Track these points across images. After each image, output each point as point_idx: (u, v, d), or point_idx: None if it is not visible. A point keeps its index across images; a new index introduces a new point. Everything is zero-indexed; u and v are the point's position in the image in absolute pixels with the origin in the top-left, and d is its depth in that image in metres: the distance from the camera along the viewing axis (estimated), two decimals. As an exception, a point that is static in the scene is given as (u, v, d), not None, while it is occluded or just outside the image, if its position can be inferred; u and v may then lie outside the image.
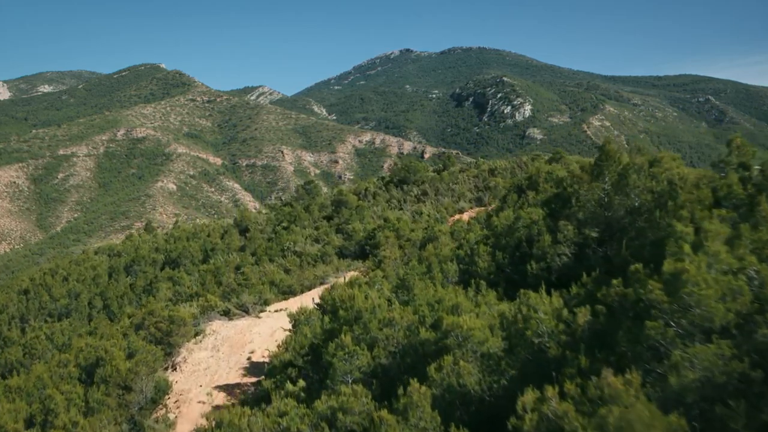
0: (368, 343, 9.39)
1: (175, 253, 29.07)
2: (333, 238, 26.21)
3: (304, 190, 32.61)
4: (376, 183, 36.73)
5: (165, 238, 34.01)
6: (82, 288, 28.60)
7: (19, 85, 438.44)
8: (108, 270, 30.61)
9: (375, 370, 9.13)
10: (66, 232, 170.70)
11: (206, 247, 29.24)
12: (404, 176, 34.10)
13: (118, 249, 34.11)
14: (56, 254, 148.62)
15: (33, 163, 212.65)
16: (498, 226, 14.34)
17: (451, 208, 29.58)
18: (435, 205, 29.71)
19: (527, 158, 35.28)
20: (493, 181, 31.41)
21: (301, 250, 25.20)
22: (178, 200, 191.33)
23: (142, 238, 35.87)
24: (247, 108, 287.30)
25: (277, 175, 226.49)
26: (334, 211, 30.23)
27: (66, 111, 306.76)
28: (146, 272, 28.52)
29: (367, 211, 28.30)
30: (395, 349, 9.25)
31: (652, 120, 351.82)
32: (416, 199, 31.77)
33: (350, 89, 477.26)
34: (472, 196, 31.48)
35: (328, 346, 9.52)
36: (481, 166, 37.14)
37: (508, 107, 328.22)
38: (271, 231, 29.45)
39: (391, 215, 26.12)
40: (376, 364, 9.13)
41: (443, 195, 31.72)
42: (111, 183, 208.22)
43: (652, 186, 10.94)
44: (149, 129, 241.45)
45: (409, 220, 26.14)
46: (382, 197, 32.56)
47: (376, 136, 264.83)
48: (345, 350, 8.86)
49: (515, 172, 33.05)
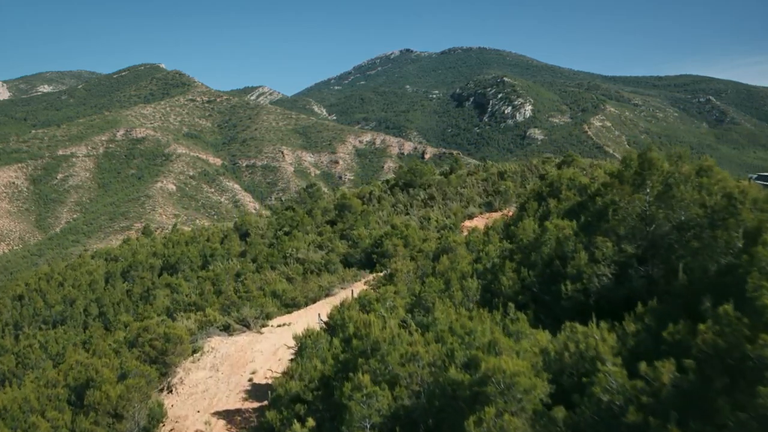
0: (388, 380, 8.22)
1: (174, 258, 27.83)
2: (337, 245, 24.97)
3: (306, 193, 31.22)
4: (381, 186, 35.44)
5: (163, 242, 32.76)
6: (78, 294, 27.42)
7: (18, 85, 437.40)
8: (105, 275, 29.42)
9: (396, 412, 7.96)
10: (65, 233, 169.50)
11: (205, 252, 28.00)
12: (410, 179, 32.63)
13: (115, 253, 32.88)
14: (55, 255, 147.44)
15: (32, 163, 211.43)
16: (522, 239, 13.17)
17: (461, 213, 28.19)
18: (443, 210, 28.71)
19: (537, 161, 33.98)
20: (503, 185, 29.86)
21: (305, 257, 23.83)
22: (178, 201, 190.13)
23: (140, 242, 34.64)
24: (247, 108, 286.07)
25: (278, 175, 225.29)
26: (338, 215, 28.93)
27: (65, 111, 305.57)
28: (143, 278, 27.32)
29: (373, 216, 27.40)
30: (419, 389, 8.08)
31: (653, 120, 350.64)
32: (423, 204, 30.35)
33: (350, 89, 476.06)
34: (482, 200, 30.00)
35: (342, 383, 8.35)
36: (490, 169, 35.11)
37: (509, 107, 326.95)
38: (273, 236, 28.19)
39: (398, 221, 24.87)
40: (398, 406, 7.96)
41: (451, 199, 30.26)
42: (110, 183, 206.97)
43: (703, 199, 9.76)
44: (149, 129, 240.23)
45: (416, 227, 24.86)
46: (387, 201, 31.14)
47: (377, 137, 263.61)
48: (363, 392, 7.68)
49: (525, 176, 31.79)
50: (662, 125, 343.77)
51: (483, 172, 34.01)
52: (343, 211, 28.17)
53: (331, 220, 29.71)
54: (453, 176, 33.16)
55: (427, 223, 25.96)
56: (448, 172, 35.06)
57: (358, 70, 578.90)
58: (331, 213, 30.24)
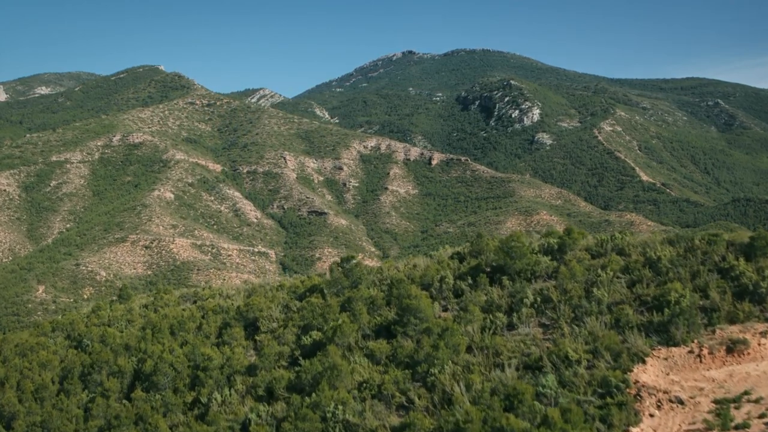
0: None
1: (150, 364, 19.80)
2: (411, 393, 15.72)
3: (341, 271, 22.41)
4: (453, 266, 23.67)
5: (142, 321, 24.92)
6: (20, 408, 19.70)
7: (15, 87, 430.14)
8: (60, 373, 21.63)
9: None
10: (57, 245, 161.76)
11: (196, 358, 20.00)
12: (503, 261, 21.78)
13: (80, 330, 25.06)
14: (45, 270, 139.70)
15: (25, 169, 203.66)
16: None
17: (614, 343, 16.38)
18: (576, 332, 17.78)
19: (700, 238, 21.22)
20: (671, 292, 17.36)
21: (357, 422, 14.95)
22: (176, 210, 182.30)
23: (113, 313, 26.80)
24: (248, 112, 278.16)
25: (279, 182, 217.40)
26: (397, 320, 19.69)
27: (62, 114, 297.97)
28: (107, 393, 19.52)
29: (459, 336, 17.68)
30: None
31: (664, 125, 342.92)
32: (534, 310, 19.50)
33: (352, 91, 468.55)
34: (641, 319, 17.77)
35: None
36: (627, 249, 21.68)
37: (516, 111, 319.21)
38: (294, 342, 19.20)
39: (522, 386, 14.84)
40: None
41: (582, 309, 18.66)
42: (105, 191, 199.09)
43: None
44: (146, 134, 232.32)
45: (554, 383, 15.22)
46: (470, 300, 20.47)
47: (382, 142, 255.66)
48: None
49: (694, 267, 19.87)
50: (673, 130, 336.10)
51: (616, 255, 21.41)
52: (404, 313, 19.19)
53: (386, 324, 20.28)
54: (573, 262, 20.94)
55: (560, 363, 16.19)
56: (557, 248, 22.40)
57: (359, 71, 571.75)
58: (383, 311, 20.92)
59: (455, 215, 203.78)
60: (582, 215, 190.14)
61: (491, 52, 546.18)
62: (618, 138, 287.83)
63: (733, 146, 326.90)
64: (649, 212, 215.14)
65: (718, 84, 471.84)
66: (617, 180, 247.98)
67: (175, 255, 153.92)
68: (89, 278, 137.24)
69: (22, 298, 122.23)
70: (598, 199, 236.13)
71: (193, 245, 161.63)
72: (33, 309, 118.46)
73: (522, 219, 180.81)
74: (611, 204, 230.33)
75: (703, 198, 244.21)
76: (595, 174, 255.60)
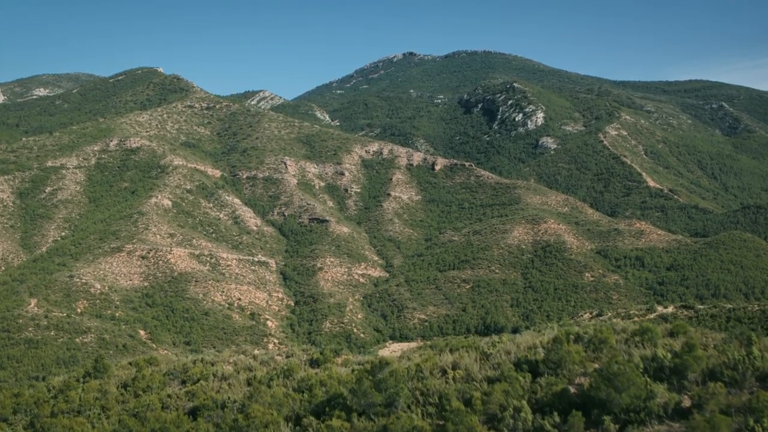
0: None
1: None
2: None
3: (371, 383, 16.56)
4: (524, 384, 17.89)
5: (120, 408, 20.59)
6: None
7: (13, 89, 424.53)
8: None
9: None
10: (51, 254, 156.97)
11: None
12: (603, 393, 16.18)
13: (42, 423, 20.44)
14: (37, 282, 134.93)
15: (20, 175, 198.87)
16: None
17: None
18: None
19: None
20: None
21: None
22: (174, 218, 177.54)
23: (84, 395, 22.34)
24: (248, 115, 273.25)
25: (280, 188, 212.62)
26: None
27: (59, 117, 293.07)
28: None
29: None
30: None
31: (669, 129, 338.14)
32: None
33: (353, 93, 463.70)
34: None
35: None
36: None
37: (520, 115, 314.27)
38: None
39: None
40: None
41: None
42: (102, 198, 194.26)
43: None
44: (144, 139, 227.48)
45: None
46: None
47: (384, 146, 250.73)
48: None
49: None
50: (678, 134, 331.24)
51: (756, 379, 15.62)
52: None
53: None
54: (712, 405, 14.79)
55: None
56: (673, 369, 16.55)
57: (360, 73, 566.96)
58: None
59: (460, 222, 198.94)
60: (590, 224, 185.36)
61: (492, 54, 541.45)
62: (624, 142, 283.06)
63: (739, 150, 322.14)
64: (656, 219, 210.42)
65: (722, 86, 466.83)
66: (624, 186, 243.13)
67: (172, 265, 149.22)
68: (83, 291, 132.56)
69: (13, 313, 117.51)
70: (605, 205, 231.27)
71: (191, 255, 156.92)
72: (24, 325, 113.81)
73: (529, 228, 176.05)
74: (618, 210, 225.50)
75: (711, 204, 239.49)
76: (601, 179, 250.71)
